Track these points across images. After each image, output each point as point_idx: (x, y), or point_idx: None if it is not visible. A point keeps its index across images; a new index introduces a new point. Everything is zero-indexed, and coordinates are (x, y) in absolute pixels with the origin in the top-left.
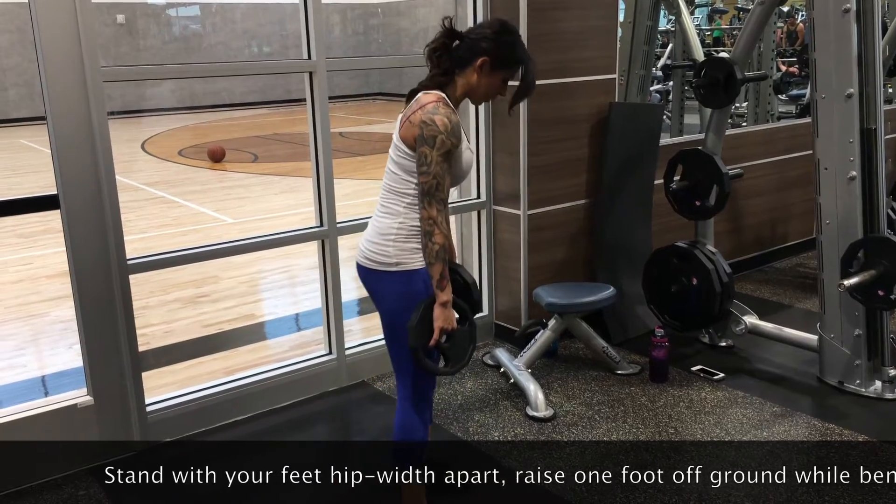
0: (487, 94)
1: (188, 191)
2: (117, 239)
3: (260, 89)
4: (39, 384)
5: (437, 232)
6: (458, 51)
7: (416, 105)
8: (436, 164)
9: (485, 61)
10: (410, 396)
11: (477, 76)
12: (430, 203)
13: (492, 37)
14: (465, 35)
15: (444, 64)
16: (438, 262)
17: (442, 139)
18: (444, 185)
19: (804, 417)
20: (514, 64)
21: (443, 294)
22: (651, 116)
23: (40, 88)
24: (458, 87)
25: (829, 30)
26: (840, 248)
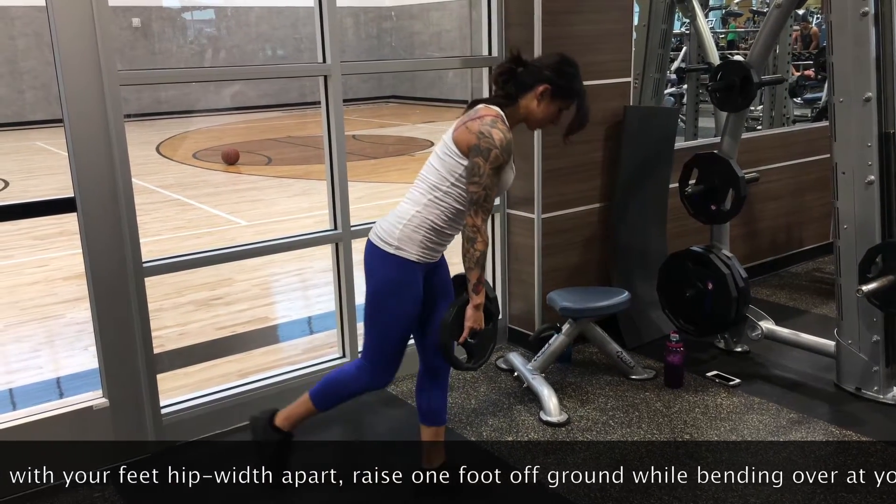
0: (543, 120)
1: (202, 193)
2: (133, 241)
3: (274, 92)
4: (55, 386)
5: (479, 239)
6: (521, 76)
7: (476, 114)
8: (487, 176)
9: (546, 89)
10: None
11: (536, 102)
12: (476, 212)
13: (554, 66)
14: (529, 63)
15: (508, 88)
16: (477, 267)
17: (496, 153)
18: (491, 196)
19: (821, 424)
20: (572, 95)
21: (477, 297)
22: (666, 120)
23: (56, 91)
24: (517, 111)
25: (846, 33)
26: (858, 252)
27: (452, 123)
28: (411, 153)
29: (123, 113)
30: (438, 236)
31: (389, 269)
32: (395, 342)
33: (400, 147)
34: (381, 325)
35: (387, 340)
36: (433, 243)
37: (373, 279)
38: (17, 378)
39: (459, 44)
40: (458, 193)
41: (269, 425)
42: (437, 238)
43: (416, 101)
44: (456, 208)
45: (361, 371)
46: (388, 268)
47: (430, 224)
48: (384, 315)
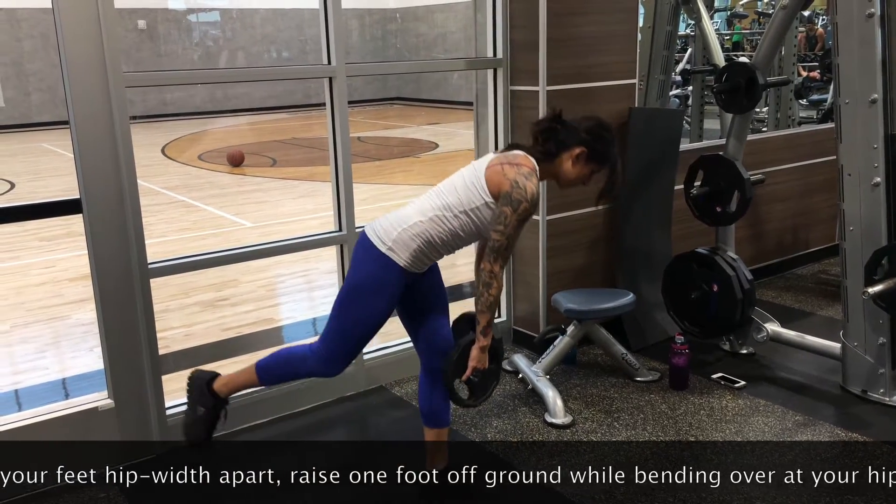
0: (575, 181)
1: (208, 195)
2: (139, 243)
3: (279, 94)
4: (61, 387)
5: (495, 285)
6: (560, 135)
7: (514, 160)
8: (512, 226)
9: (583, 151)
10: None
11: (571, 163)
12: (495, 259)
13: (593, 130)
14: (568, 123)
15: (548, 145)
16: (489, 312)
17: (525, 207)
18: (512, 245)
19: (827, 426)
20: (606, 160)
21: (484, 339)
22: (671, 121)
23: (63, 93)
24: (550, 168)
25: (852, 34)
26: (864, 254)
27: (487, 155)
28: (416, 155)
29: (129, 115)
30: (431, 251)
31: (376, 267)
32: (358, 339)
33: (405, 149)
34: (349, 319)
35: (350, 335)
36: (425, 255)
37: (357, 272)
38: (24, 379)
39: (464, 45)
40: (466, 222)
41: (207, 388)
42: (429, 251)
43: (420, 103)
44: (457, 234)
45: (314, 356)
46: (376, 266)
47: (427, 237)
48: (357, 310)
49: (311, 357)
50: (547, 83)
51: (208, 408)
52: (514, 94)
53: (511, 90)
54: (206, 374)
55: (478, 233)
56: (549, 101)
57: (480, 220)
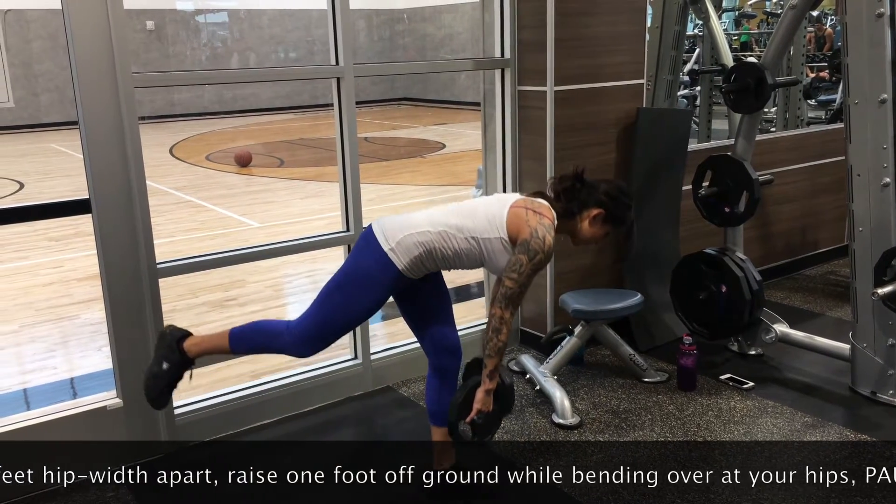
0: (589, 240)
1: (215, 195)
2: (147, 243)
3: (286, 94)
4: (69, 386)
5: (504, 331)
6: (580, 194)
7: (539, 208)
8: (526, 275)
9: (600, 213)
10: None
11: (588, 223)
12: (506, 306)
13: (612, 194)
14: (588, 183)
15: (570, 204)
16: (497, 357)
17: (541, 258)
18: (524, 293)
19: (836, 427)
20: (622, 223)
21: (489, 383)
22: (679, 122)
23: (71, 94)
24: (568, 224)
25: (862, 34)
26: (873, 255)
27: (514, 194)
28: (423, 155)
29: (138, 115)
30: (430, 261)
31: (374, 263)
32: (336, 328)
33: (412, 149)
34: (333, 305)
35: (330, 322)
36: (423, 264)
37: (354, 262)
38: (32, 378)
39: (471, 46)
40: (472, 248)
41: (177, 345)
42: (428, 262)
43: (428, 104)
44: (459, 255)
45: (289, 333)
46: (374, 262)
47: (431, 248)
48: (343, 299)
49: (287, 334)
50: (555, 83)
51: (173, 364)
52: (522, 95)
53: (519, 90)
54: (179, 332)
55: (479, 261)
56: (557, 101)
57: (487, 252)
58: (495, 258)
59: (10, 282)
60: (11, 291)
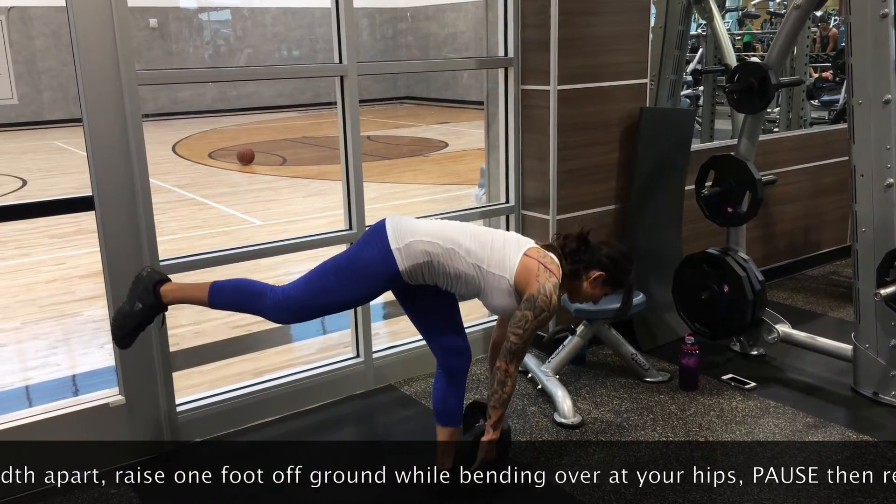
0: (587, 299)
1: (218, 193)
2: (150, 240)
3: (289, 93)
4: (71, 383)
5: (509, 384)
6: (584, 255)
7: (550, 265)
8: (531, 330)
9: (600, 275)
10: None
11: (588, 283)
12: (511, 360)
13: (615, 258)
14: (592, 245)
15: (576, 266)
16: (502, 408)
17: (546, 316)
18: (528, 347)
19: (838, 428)
20: (620, 287)
21: (493, 433)
22: (682, 121)
23: (75, 91)
24: (569, 283)
25: (866, 35)
26: (876, 256)
27: (530, 240)
28: (426, 154)
29: (141, 113)
30: (431, 274)
31: (378, 257)
32: (321, 305)
33: (414, 148)
34: (325, 285)
35: (317, 299)
36: (423, 273)
37: (359, 250)
38: (35, 375)
39: (475, 45)
40: (473, 276)
41: (153, 288)
42: (430, 273)
43: (430, 102)
44: (459, 277)
45: (272, 297)
46: (378, 256)
47: (437, 261)
48: (337, 281)
49: (270, 297)
50: (558, 82)
51: (146, 306)
52: (525, 94)
53: (522, 89)
54: (157, 275)
55: (476, 291)
56: (560, 100)
57: (487, 285)
58: (493, 295)
59: (13, 279)
60: (14, 288)
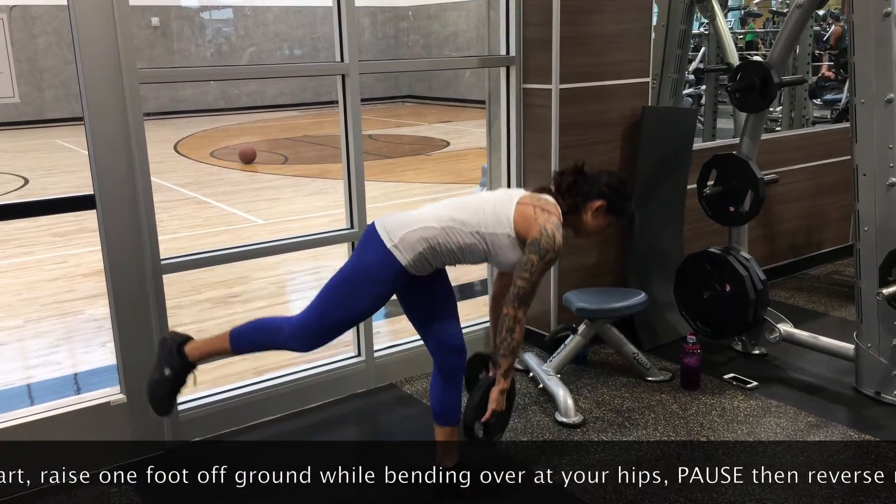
0: (592, 232)
1: (219, 192)
2: (152, 239)
3: (290, 91)
4: (73, 382)
5: (518, 330)
6: (582, 187)
7: (546, 206)
8: (538, 273)
9: (602, 205)
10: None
11: (591, 215)
12: (519, 305)
13: (613, 185)
14: (588, 176)
15: (575, 199)
16: (512, 356)
17: (551, 256)
18: (535, 291)
19: (840, 428)
20: (623, 213)
21: (504, 383)
22: (684, 120)
23: (76, 89)
24: (571, 219)
25: (869, 34)
26: (879, 255)
27: (519, 189)
28: (427, 153)
29: (143, 111)
30: (434, 257)
31: (377, 259)
32: (337, 324)
33: (416, 147)
34: (336, 301)
35: (332, 317)
36: (427, 260)
37: (357, 259)
38: (36, 373)
39: (477, 44)
40: (476, 243)
41: (178, 350)
42: (432, 257)
43: (432, 101)
44: (463, 250)
45: (289, 328)
46: (377, 258)
47: (434, 243)
48: (345, 295)
49: (287, 329)
50: (560, 81)
51: (175, 369)
52: (527, 92)
53: (524, 88)
54: (179, 337)
55: (483, 256)
56: (562, 99)
57: (493, 247)
58: (502, 253)
59: (15, 277)
60: (16, 287)
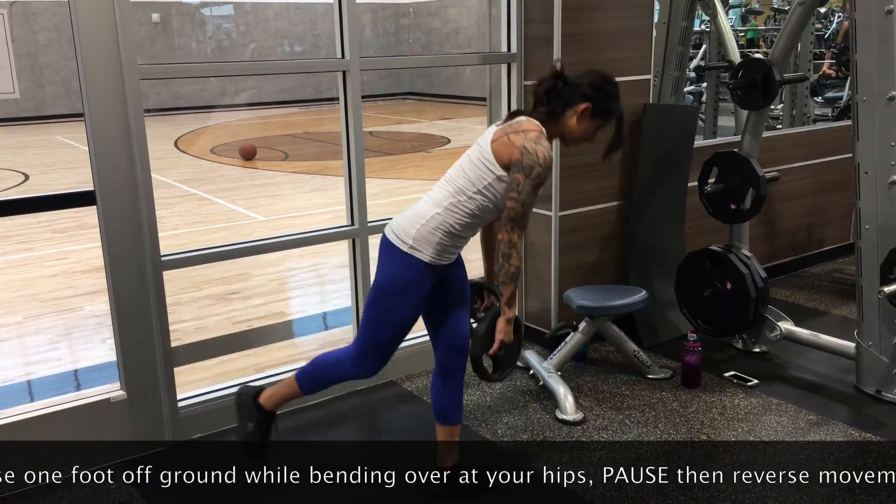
0: (581, 138)
1: (220, 188)
2: (152, 235)
3: (291, 88)
4: (73, 378)
5: (515, 255)
6: (564, 93)
7: (519, 127)
8: (526, 192)
9: (587, 107)
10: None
11: (576, 120)
12: (512, 228)
13: (596, 85)
14: (570, 80)
15: (553, 106)
16: (512, 282)
17: (538, 171)
18: (528, 213)
19: (840, 426)
20: (611, 114)
21: (510, 311)
22: (686, 118)
23: (77, 85)
24: (557, 128)
25: (871, 31)
26: (880, 253)
27: (490, 129)
28: (428, 150)
29: (143, 107)
30: (453, 240)
31: (400, 267)
32: (388, 339)
33: (417, 144)
34: (377, 319)
35: (380, 335)
36: (448, 246)
37: (382, 274)
38: (36, 370)
39: (478, 40)
40: (481, 201)
41: (254, 403)
42: (451, 241)
43: (433, 98)
44: (475, 215)
45: (349, 359)
46: (399, 266)
47: (448, 227)
48: (383, 311)
49: (347, 360)
50: None
51: (256, 422)
52: (528, 90)
53: (525, 85)
54: (251, 389)
55: (495, 209)
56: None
57: (495, 196)
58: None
59: (15, 273)
60: (16, 283)
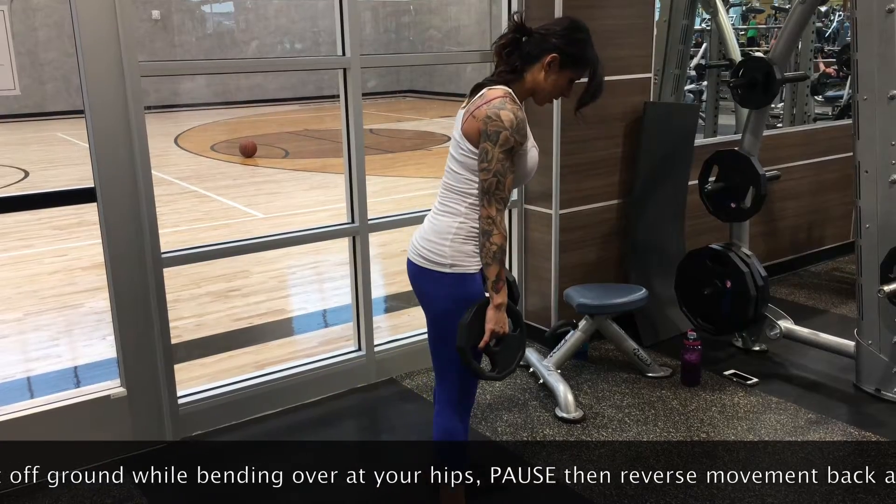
0: (553, 93)
1: (220, 185)
2: (152, 232)
3: (292, 85)
4: (73, 375)
5: (495, 232)
6: (527, 47)
7: (481, 100)
8: (497, 161)
9: (554, 58)
10: (454, 402)
11: (545, 74)
12: (489, 202)
13: (562, 33)
14: (534, 31)
15: (513, 61)
16: (496, 263)
17: (506, 136)
18: (504, 183)
19: (840, 425)
20: (583, 63)
21: (497, 296)
22: (686, 116)
23: (77, 82)
24: (524, 85)
25: (872, 30)
26: (880, 252)
27: (458, 116)
28: (428, 148)
29: (143, 104)
30: None
31: (450, 287)
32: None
33: (417, 141)
34: (446, 357)
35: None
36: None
37: (435, 302)
38: (36, 366)
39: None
40: None
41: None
42: None
43: (433, 96)
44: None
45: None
46: (449, 286)
47: (477, 231)
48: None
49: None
50: None
51: None
52: None
53: None
54: None
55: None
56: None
57: None
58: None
59: (15, 270)
60: (16, 280)
